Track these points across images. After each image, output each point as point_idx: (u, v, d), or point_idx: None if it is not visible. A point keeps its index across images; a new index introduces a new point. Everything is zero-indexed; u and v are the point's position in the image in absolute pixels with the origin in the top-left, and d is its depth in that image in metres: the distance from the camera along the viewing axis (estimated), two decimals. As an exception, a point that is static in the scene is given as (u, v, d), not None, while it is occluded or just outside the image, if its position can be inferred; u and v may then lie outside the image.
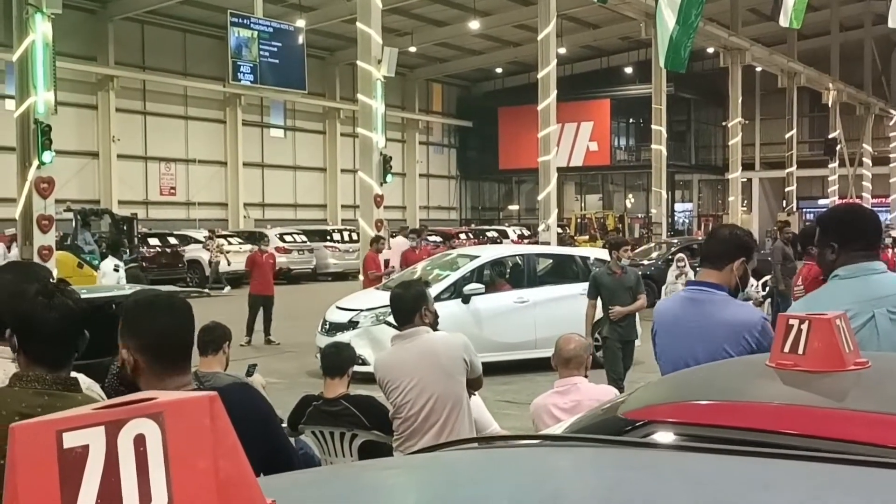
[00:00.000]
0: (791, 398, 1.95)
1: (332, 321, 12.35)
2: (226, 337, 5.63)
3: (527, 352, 12.02)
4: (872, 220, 3.54)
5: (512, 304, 12.52)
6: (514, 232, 40.35)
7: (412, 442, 4.62)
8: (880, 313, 3.12)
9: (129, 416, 0.73)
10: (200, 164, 36.75)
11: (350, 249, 30.14)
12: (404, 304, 4.78)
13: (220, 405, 0.76)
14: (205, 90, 36.33)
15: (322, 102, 40.99)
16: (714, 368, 2.71)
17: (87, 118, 32.57)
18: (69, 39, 29.83)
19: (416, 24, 37.73)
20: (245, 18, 17.32)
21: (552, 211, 23.02)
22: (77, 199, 28.66)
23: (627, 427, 1.89)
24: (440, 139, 51.32)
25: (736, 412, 1.86)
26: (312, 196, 42.13)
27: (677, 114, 42.41)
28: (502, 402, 9.69)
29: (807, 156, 44.70)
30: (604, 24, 40.12)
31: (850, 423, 1.70)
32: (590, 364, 5.22)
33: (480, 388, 4.99)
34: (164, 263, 26.60)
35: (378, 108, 17.78)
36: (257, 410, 2.47)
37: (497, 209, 54.52)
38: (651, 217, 32.51)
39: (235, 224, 36.11)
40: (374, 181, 17.79)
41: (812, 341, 2.06)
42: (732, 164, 34.71)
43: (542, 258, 14.10)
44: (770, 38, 37.56)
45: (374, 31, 17.69)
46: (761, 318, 3.64)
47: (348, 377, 5.25)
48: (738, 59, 33.30)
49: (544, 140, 22.82)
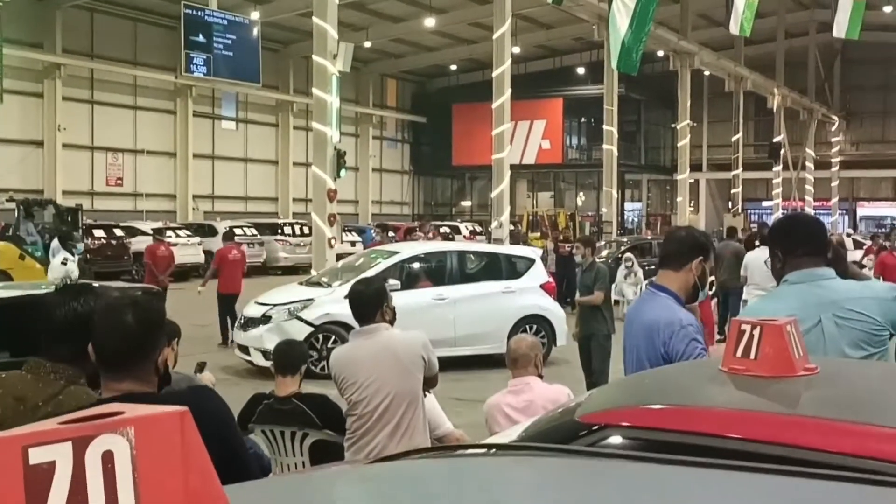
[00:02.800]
0: (742, 403, 1.99)
1: (247, 316, 12.28)
2: (174, 333, 5.55)
3: (446, 349, 11.51)
4: (814, 226, 3.59)
5: (430, 301, 12.37)
6: (467, 228, 40.44)
7: (366, 440, 4.59)
8: (827, 318, 3.19)
9: (97, 432, 0.72)
10: (149, 154, 36.17)
11: (301, 243, 29.94)
12: (365, 300, 4.75)
13: (191, 420, 0.75)
14: (155, 80, 35.77)
15: (275, 95, 40.63)
16: (668, 372, 2.75)
17: (31, 106, 31.87)
18: (15, 26, 29.23)
19: (372, 20, 37.58)
20: (199, 10, 17.07)
21: (505, 208, 23.09)
22: (20, 188, 28.08)
23: (584, 431, 1.91)
24: (394, 134, 51.20)
25: (690, 417, 1.88)
26: (264, 189, 41.76)
27: (628, 114, 42.80)
28: (454, 400, 9.68)
29: (752, 158, 45.44)
30: (557, 25, 40.34)
31: (801, 429, 1.73)
32: (541, 363, 5.24)
33: (436, 386, 4.99)
34: (109, 256, 26.09)
35: (333, 102, 17.66)
36: (215, 416, 2.43)
37: (450, 205, 54.57)
38: (602, 216, 32.77)
39: (184, 216, 35.60)
40: (327, 176, 17.67)
41: (763, 346, 2.10)
42: (681, 165, 35.14)
43: (465, 256, 13.87)
44: (718, 43, 38.13)
45: (330, 26, 17.57)
46: (678, 323, 3.58)
47: (300, 375, 5.19)
48: (688, 62, 33.74)
49: (498, 137, 22.87)
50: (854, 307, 3.21)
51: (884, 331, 3.21)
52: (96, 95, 34.82)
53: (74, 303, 2.72)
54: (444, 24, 37.70)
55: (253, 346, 11.88)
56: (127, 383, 2.38)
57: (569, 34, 40.98)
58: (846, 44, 37.47)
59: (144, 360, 2.40)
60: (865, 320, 3.19)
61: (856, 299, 3.25)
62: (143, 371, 2.40)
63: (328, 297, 11.79)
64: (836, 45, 42.55)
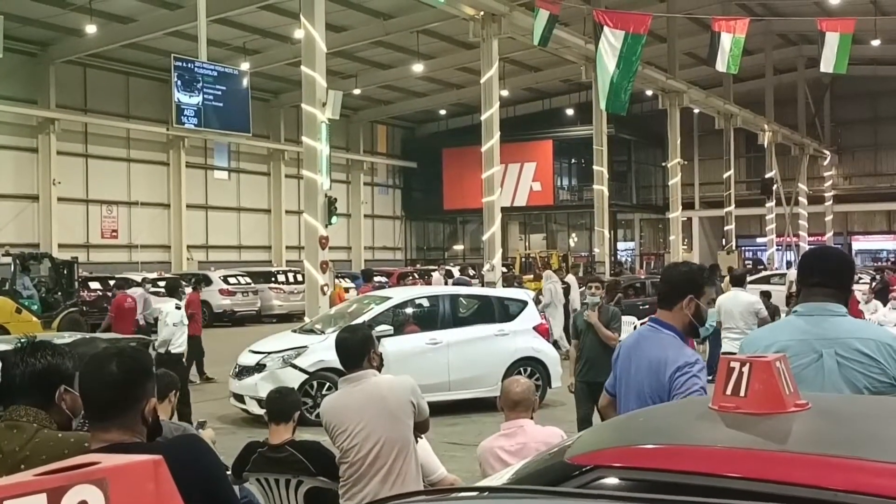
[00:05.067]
0: (733, 441, 1.98)
1: (242, 364, 12.26)
2: (173, 385, 5.53)
3: (441, 394, 11.60)
4: (837, 262, 3.51)
5: (424, 346, 12.31)
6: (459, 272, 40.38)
7: (359, 487, 4.57)
8: (828, 354, 3.15)
9: (71, 483, 0.71)
10: (143, 206, 36.27)
11: (295, 291, 29.89)
12: (351, 347, 4.76)
13: (165, 469, 0.75)
14: (148, 132, 35.97)
15: (266, 144, 40.84)
16: (658, 411, 2.74)
17: (26, 161, 32.00)
18: (9, 82, 29.49)
19: (361, 67, 37.92)
20: (189, 62, 17.22)
21: (497, 251, 23.14)
22: (16, 242, 28.08)
23: (574, 472, 1.89)
24: (385, 180, 51.39)
25: (680, 456, 1.87)
26: (257, 237, 41.81)
27: (618, 154, 43.06)
28: (448, 444, 9.63)
29: (745, 195, 45.62)
30: (545, 67, 40.75)
31: (792, 466, 1.72)
32: (536, 406, 5.23)
33: (427, 431, 4.96)
34: (105, 308, 26.02)
35: (323, 150, 17.76)
36: (202, 465, 2.41)
37: (442, 249, 54.61)
38: (594, 256, 32.84)
39: (179, 266, 35.59)
40: (319, 223, 17.71)
41: (753, 383, 2.09)
42: (673, 203, 35.31)
43: (457, 299, 13.83)
44: (706, 81, 38.48)
45: (319, 75, 17.73)
46: (684, 362, 3.62)
47: (294, 422, 5.18)
48: (676, 101, 34.05)
49: (488, 181, 22.99)
50: (860, 347, 3.14)
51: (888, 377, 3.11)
52: (90, 149, 34.97)
53: (31, 359, 2.82)
54: (432, 70, 38.05)
55: (248, 395, 11.83)
56: (114, 433, 2.38)
57: (557, 76, 41.39)
58: (835, 78, 37.86)
59: (129, 409, 2.40)
60: (868, 363, 3.12)
61: (862, 339, 3.17)
62: (129, 420, 2.40)
63: (321, 344, 11.75)
64: (825, 79, 42.97)
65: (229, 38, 31.36)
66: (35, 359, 2.82)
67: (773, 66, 44.27)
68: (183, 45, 27.45)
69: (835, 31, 22.01)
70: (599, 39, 20.88)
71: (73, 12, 28.79)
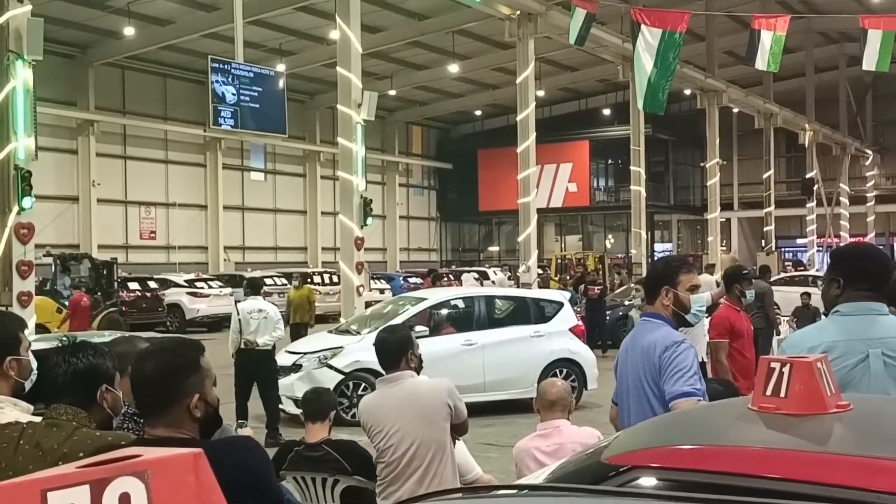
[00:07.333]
0: (773, 442, 1.96)
1: (279, 364, 12.34)
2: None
3: (476, 395, 11.55)
4: (881, 261, 3.47)
5: (459, 347, 12.32)
6: (495, 273, 40.35)
7: (395, 487, 4.58)
8: (874, 354, 3.11)
9: (113, 475, 0.73)
10: (180, 207, 36.67)
11: (331, 292, 30.01)
12: (390, 348, 4.78)
13: (205, 462, 0.76)
14: (185, 134, 36.36)
15: (302, 146, 41.09)
16: (697, 412, 2.72)
17: (66, 163, 32.48)
18: (49, 85, 29.88)
19: (396, 68, 38.02)
20: (226, 64, 17.36)
21: (532, 252, 23.08)
22: (56, 243, 28.48)
23: (611, 473, 1.89)
24: (420, 181, 51.49)
25: (719, 457, 1.86)
26: (293, 239, 42.07)
27: (655, 155, 42.70)
28: (483, 445, 9.62)
29: (785, 195, 45.09)
30: (582, 67, 40.59)
31: (833, 468, 1.70)
32: (573, 408, 5.21)
33: (465, 433, 4.97)
34: (143, 308, 26.39)
35: (358, 151, 17.83)
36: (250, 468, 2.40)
37: (477, 250, 54.58)
38: (631, 257, 32.61)
39: (216, 267, 35.93)
40: (354, 224, 17.79)
41: (794, 384, 2.07)
42: (711, 204, 34.97)
43: (493, 300, 13.82)
44: (746, 80, 38.05)
45: (354, 76, 17.80)
46: (671, 342, 3.83)
47: (330, 422, 5.21)
48: (715, 100, 33.70)
49: (524, 182, 22.94)
50: None
51: None
52: (129, 151, 35.44)
53: (73, 359, 2.88)
54: (468, 71, 38.05)
55: (285, 395, 11.91)
56: (161, 429, 2.43)
57: (593, 76, 41.21)
58: (877, 77, 37.19)
59: (172, 405, 2.42)
60: None
61: None
62: (173, 417, 2.43)
63: (357, 344, 11.80)
64: (867, 78, 42.24)
65: (265, 40, 31.57)
66: (77, 358, 2.88)
67: (814, 64, 43.68)
68: (220, 46, 27.70)
69: (877, 29, 21.64)
70: (637, 38, 20.71)
71: (111, 14, 29.21)
